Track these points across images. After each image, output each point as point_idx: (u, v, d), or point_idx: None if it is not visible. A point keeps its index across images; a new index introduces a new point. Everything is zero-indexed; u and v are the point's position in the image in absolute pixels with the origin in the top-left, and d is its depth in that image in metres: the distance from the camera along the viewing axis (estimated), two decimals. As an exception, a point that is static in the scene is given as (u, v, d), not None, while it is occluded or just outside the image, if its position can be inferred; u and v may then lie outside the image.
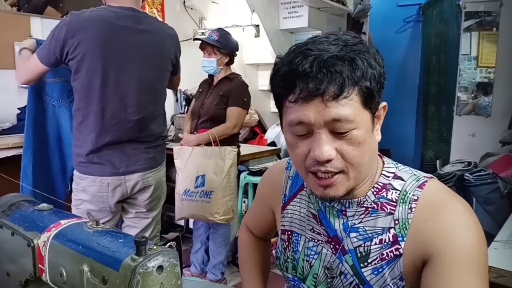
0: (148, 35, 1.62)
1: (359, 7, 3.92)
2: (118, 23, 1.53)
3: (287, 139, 0.70)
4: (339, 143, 0.64)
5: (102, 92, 1.54)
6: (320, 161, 0.64)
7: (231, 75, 2.42)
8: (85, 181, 1.60)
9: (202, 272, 2.56)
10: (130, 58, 1.58)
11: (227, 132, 2.32)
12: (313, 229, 0.79)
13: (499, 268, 0.99)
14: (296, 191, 0.85)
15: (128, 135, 1.62)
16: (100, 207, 1.63)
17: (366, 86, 0.63)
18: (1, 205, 0.63)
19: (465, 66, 3.46)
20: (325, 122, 0.62)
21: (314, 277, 0.79)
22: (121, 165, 1.62)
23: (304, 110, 0.63)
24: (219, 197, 2.27)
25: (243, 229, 1.05)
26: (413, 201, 0.69)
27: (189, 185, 2.34)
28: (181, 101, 3.58)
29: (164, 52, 1.72)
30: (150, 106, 1.68)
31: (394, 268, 0.69)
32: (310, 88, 0.61)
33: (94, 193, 1.60)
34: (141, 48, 1.60)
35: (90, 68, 1.51)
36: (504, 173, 2.36)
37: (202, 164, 2.32)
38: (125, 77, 1.57)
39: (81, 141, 1.59)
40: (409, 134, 4.92)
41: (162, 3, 3.50)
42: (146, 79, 1.64)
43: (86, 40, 1.48)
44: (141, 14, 1.64)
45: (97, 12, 1.53)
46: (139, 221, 1.78)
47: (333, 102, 0.61)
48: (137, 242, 0.44)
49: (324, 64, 0.61)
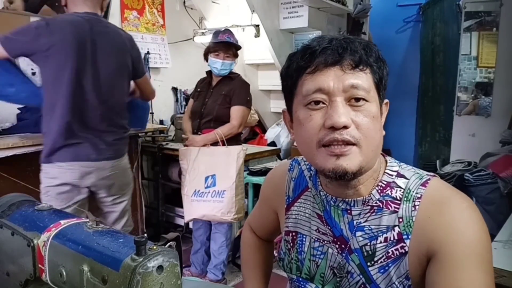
0: (110, 35, 1.85)
1: (359, 7, 3.92)
2: (85, 25, 1.75)
3: (299, 116, 0.70)
4: (354, 114, 0.66)
5: (70, 85, 1.71)
6: (337, 127, 0.64)
7: (231, 74, 2.43)
8: (57, 169, 1.76)
9: (202, 272, 2.56)
10: (97, 55, 1.79)
11: (233, 131, 2.33)
12: (318, 229, 0.79)
13: (499, 268, 0.99)
14: (300, 192, 0.85)
15: (95, 126, 1.82)
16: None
17: (378, 70, 0.68)
18: (1, 205, 0.63)
19: (465, 66, 3.46)
20: (344, 87, 0.65)
21: (322, 276, 0.79)
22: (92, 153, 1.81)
23: (324, 77, 0.66)
24: (232, 196, 2.28)
25: (246, 230, 1.06)
26: (416, 199, 0.69)
27: (198, 186, 2.34)
28: (181, 101, 3.59)
29: (124, 50, 1.92)
30: (112, 99, 1.87)
31: (400, 267, 0.69)
32: (331, 58, 0.66)
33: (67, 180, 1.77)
34: (105, 46, 1.81)
35: (59, 63, 1.69)
36: (504, 173, 2.36)
37: (210, 164, 2.32)
38: (92, 72, 1.77)
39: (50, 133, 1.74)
40: (409, 134, 4.91)
41: (162, 3, 3.50)
42: (110, 74, 1.84)
43: (59, 39, 1.68)
44: (102, 18, 1.90)
45: (67, 16, 1.78)
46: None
47: (351, 71, 0.66)
48: (137, 242, 0.44)
49: (342, 41, 0.67)
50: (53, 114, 1.74)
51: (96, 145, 1.81)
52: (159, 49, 3.48)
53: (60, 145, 1.75)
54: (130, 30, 3.27)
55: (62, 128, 1.73)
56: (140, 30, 3.35)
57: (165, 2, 3.51)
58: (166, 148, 2.99)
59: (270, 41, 3.49)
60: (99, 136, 1.82)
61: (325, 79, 0.66)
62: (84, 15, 1.78)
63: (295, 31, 3.69)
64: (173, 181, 3.10)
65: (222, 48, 2.34)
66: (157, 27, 3.47)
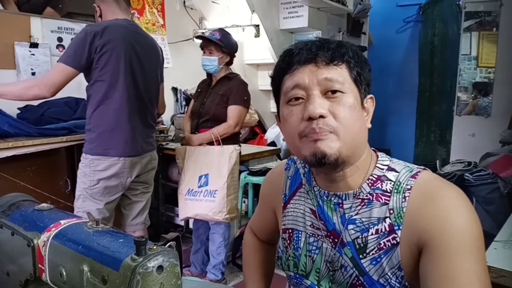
0: (149, 39, 2.02)
1: (359, 7, 3.92)
2: (130, 28, 1.89)
3: (283, 114, 0.75)
4: (330, 104, 0.69)
5: (125, 80, 1.84)
6: (313, 117, 0.68)
7: (230, 74, 2.43)
8: (108, 162, 1.86)
9: (202, 272, 2.56)
10: (143, 56, 1.93)
11: (229, 131, 2.33)
12: (312, 224, 0.80)
13: (499, 268, 0.99)
14: (295, 189, 0.86)
15: (146, 121, 1.99)
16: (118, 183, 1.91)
17: (355, 66, 0.72)
18: (1, 205, 0.63)
19: (465, 66, 3.46)
20: (318, 81, 0.70)
21: (317, 272, 0.79)
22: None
23: (300, 74, 0.71)
24: (224, 196, 2.27)
25: (247, 232, 1.06)
26: (406, 190, 0.70)
27: (192, 185, 2.35)
28: (181, 101, 3.59)
29: (158, 55, 2.09)
30: (154, 97, 2.06)
31: (392, 257, 0.70)
32: (305, 56, 0.71)
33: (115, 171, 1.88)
34: (148, 50, 1.97)
35: (116, 63, 1.81)
36: (504, 173, 2.36)
37: (204, 164, 2.33)
38: (140, 71, 1.92)
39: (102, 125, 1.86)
40: (409, 134, 4.92)
41: (162, 3, 3.50)
42: (152, 74, 2.02)
43: (112, 40, 1.79)
44: (137, 24, 2.06)
45: (113, 21, 1.87)
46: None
47: (325, 66, 0.70)
48: (137, 242, 0.44)
49: (317, 42, 0.73)
50: (109, 107, 1.83)
51: (144, 139, 1.97)
52: (159, 49, 3.48)
53: (115, 137, 1.85)
54: (130, 30, 3.28)
55: (118, 122, 1.84)
56: (140, 30, 3.35)
57: (165, 2, 3.51)
58: (166, 148, 2.99)
59: (270, 41, 3.49)
60: (147, 130, 2.00)
61: (301, 76, 0.71)
62: (125, 21, 1.90)
63: (295, 31, 3.69)
64: (173, 181, 3.09)
65: (204, 44, 2.38)
66: (157, 27, 3.47)
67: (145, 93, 1.97)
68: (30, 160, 2.09)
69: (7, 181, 2.06)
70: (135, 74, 1.89)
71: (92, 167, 1.84)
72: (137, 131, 1.93)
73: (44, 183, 2.20)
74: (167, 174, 3.13)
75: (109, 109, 1.84)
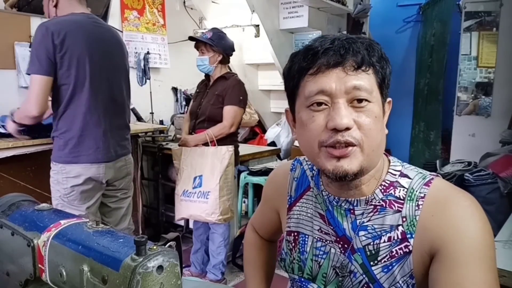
0: (112, 32, 1.92)
1: (359, 7, 3.92)
2: (90, 24, 1.77)
3: (302, 117, 0.70)
4: (356, 114, 0.66)
5: (93, 83, 1.74)
6: (339, 129, 0.64)
7: (227, 74, 2.42)
8: (80, 168, 1.76)
9: (202, 272, 2.56)
10: (108, 51, 1.83)
11: (224, 132, 2.32)
12: (320, 229, 0.79)
13: (499, 268, 0.99)
14: (302, 192, 0.85)
15: (116, 122, 1.89)
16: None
17: (380, 70, 0.68)
18: (1, 205, 0.63)
19: (465, 66, 3.46)
20: (346, 89, 0.65)
21: (324, 276, 0.78)
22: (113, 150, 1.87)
23: (326, 78, 0.66)
24: (216, 197, 2.27)
25: (249, 230, 1.06)
26: (420, 198, 0.70)
27: (187, 186, 2.35)
28: (181, 101, 3.59)
29: (123, 49, 1.97)
30: (122, 98, 1.93)
31: (404, 266, 0.69)
32: (333, 59, 0.65)
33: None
34: (113, 46, 1.87)
35: (79, 61, 1.70)
36: (504, 173, 2.36)
37: (199, 165, 2.33)
38: (106, 72, 1.81)
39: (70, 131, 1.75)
40: (409, 134, 4.92)
41: (162, 3, 3.50)
42: (118, 74, 1.91)
43: (72, 36, 1.68)
44: (99, 18, 1.92)
45: (70, 17, 1.74)
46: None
47: (353, 72, 0.65)
48: (137, 242, 0.44)
49: (344, 42, 0.66)
50: (76, 111, 1.73)
51: (118, 142, 1.89)
52: (159, 49, 3.49)
53: (85, 143, 1.75)
54: (131, 30, 3.27)
55: (87, 126, 1.74)
56: (140, 30, 3.35)
57: (165, 2, 3.52)
58: (166, 148, 2.99)
59: (270, 41, 3.49)
60: (121, 132, 1.91)
61: (327, 81, 0.66)
62: (83, 15, 1.78)
63: (295, 31, 3.69)
64: (173, 181, 3.09)
65: (196, 45, 2.40)
66: (157, 27, 3.47)
67: (117, 91, 1.86)
68: (30, 160, 2.09)
69: (7, 181, 2.06)
70: (102, 72, 1.77)
71: (65, 174, 1.74)
72: (109, 134, 1.82)
73: (44, 183, 2.19)
74: (167, 174, 3.13)
75: (77, 113, 1.72)
